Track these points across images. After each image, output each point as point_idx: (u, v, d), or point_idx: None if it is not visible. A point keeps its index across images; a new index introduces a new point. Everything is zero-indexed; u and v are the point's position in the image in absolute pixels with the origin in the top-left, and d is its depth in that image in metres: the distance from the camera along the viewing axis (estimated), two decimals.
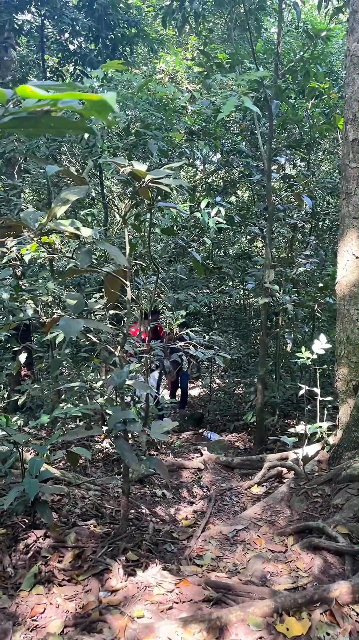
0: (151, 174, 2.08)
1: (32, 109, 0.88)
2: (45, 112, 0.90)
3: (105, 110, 0.87)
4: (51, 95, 0.81)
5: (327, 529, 2.71)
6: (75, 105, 0.87)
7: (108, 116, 0.85)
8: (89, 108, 0.87)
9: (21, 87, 0.81)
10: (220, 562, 2.66)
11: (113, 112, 0.83)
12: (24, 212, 1.84)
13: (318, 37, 5.56)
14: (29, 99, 0.86)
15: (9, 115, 0.92)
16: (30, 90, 0.80)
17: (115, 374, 2.36)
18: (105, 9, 6.31)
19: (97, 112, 0.87)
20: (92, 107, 0.87)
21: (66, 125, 0.94)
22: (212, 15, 7.22)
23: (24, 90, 0.81)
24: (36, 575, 2.09)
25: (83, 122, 0.93)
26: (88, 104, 0.88)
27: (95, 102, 0.85)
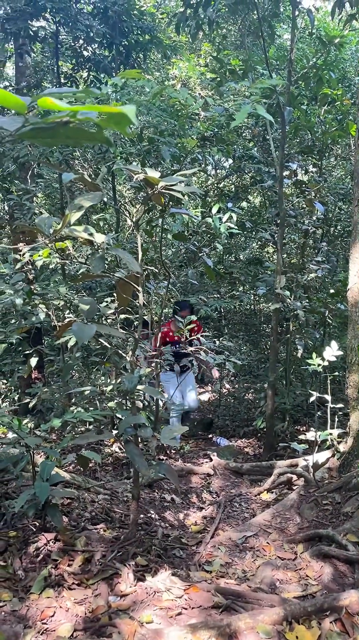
0: (164, 180, 2.10)
1: (52, 120, 0.90)
2: (64, 123, 0.91)
3: (123, 122, 0.89)
4: (71, 107, 0.82)
5: (337, 537, 2.70)
6: (93, 117, 0.89)
7: (126, 128, 0.87)
8: (108, 120, 0.88)
9: (42, 98, 0.83)
10: (229, 568, 2.66)
11: (132, 124, 0.85)
12: (39, 218, 1.86)
13: (331, 43, 5.56)
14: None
15: (29, 126, 0.93)
16: (51, 102, 0.81)
17: (127, 378, 2.37)
18: (119, 16, 6.36)
19: (116, 123, 0.89)
20: (110, 119, 0.88)
21: (84, 136, 0.95)
22: (225, 22, 7.25)
23: (45, 101, 0.83)
24: (46, 578, 2.10)
25: (101, 133, 0.94)
26: (107, 115, 0.89)
27: (114, 114, 0.87)
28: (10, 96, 0.88)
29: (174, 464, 4.29)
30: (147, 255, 5.56)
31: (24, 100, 0.94)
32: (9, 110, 7.02)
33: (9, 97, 0.87)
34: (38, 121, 0.93)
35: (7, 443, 2.84)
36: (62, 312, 4.69)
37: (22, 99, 0.94)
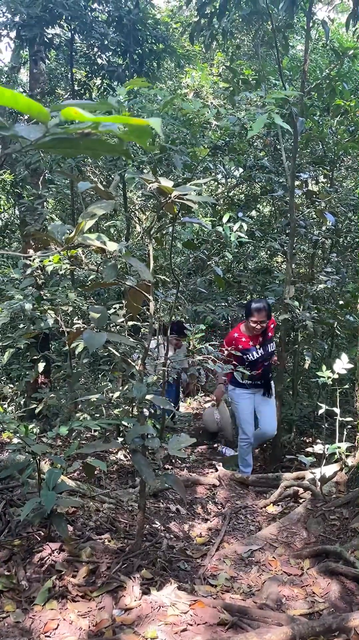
0: (178, 190, 2.09)
1: (73, 131, 0.89)
2: (85, 134, 0.90)
3: (144, 135, 0.88)
4: (94, 118, 0.81)
5: (345, 553, 2.65)
6: (115, 129, 0.87)
7: (147, 141, 0.86)
8: (129, 132, 0.87)
9: (67, 108, 0.82)
10: (234, 582, 2.62)
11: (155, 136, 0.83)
12: (51, 225, 1.86)
13: (344, 55, 5.57)
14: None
15: (49, 136, 0.92)
16: (76, 112, 0.80)
17: (135, 387, 2.35)
18: (134, 24, 6.39)
19: (137, 136, 0.87)
20: (132, 132, 0.87)
21: (104, 147, 0.94)
22: (239, 32, 7.28)
23: (69, 112, 0.81)
24: (50, 589, 2.08)
25: (121, 145, 0.93)
26: (129, 128, 0.88)
27: (137, 126, 0.85)
28: (33, 104, 0.87)
29: (179, 474, 4.26)
30: (157, 262, 5.56)
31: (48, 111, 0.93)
32: (22, 116, 7.04)
33: (32, 105, 0.86)
34: (59, 131, 0.92)
35: (13, 450, 2.82)
36: (70, 318, 4.69)
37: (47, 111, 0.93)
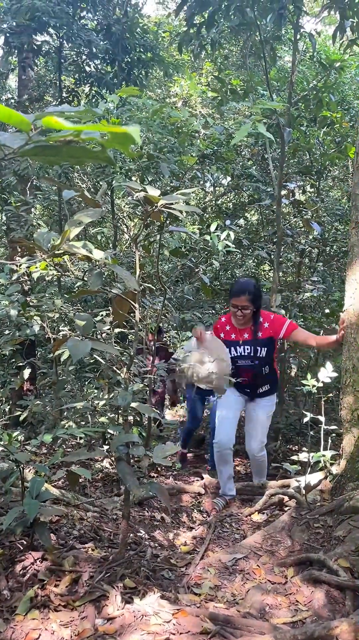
0: (164, 199, 2.10)
1: (55, 139, 0.89)
2: (67, 142, 0.91)
3: (127, 142, 0.89)
4: (75, 127, 0.82)
5: (328, 561, 2.66)
6: (97, 137, 0.88)
7: (129, 148, 0.87)
8: (111, 139, 0.88)
9: (47, 117, 0.82)
10: (218, 591, 2.61)
11: (136, 144, 0.84)
12: (38, 232, 1.85)
13: (331, 67, 5.65)
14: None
15: (32, 144, 0.93)
16: (56, 121, 0.81)
17: (121, 395, 2.35)
18: (122, 33, 6.44)
19: (119, 143, 0.88)
20: (114, 139, 0.88)
21: (87, 155, 0.95)
22: (228, 43, 7.35)
23: (50, 121, 0.82)
24: (32, 599, 2.05)
25: (104, 152, 0.94)
26: (111, 135, 0.89)
27: (118, 134, 0.86)
28: (13, 114, 0.87)
29: (165, 482, 4.24)
30: (144, 270, 5.56)
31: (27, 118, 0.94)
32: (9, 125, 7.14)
33: (12, 114, 0.87)
34: (41, 139, 0.93)
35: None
36: (56, 324, 4.68)
37: (26, 117, 0.94)
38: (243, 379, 3.82)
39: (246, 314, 3.73)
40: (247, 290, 3.70)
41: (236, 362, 3.81)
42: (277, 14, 4.97)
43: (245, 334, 3.84)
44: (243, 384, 3.89)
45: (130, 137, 0.82)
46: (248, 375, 3.87)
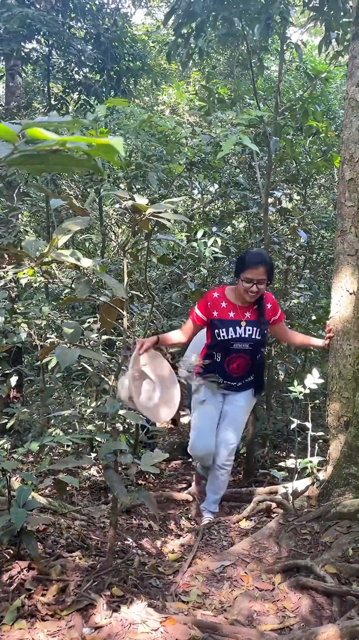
0: (152, 207, 2.12)
1: (41, 148, 0.91)
2: (53, 151, 0.92)
3: (112, 151, 0.90)
4: (60, 138, 0.83)
5: (315, 568, 2.67)
6: (82, 146, 0.90)
7: (114, 157, 0.88)
8: (97, 149, 0.90)
9: (32, 129, 0.84)
10: (206, 599, 2.61)
11: (119, 155, 0.86)
12: (26, 241, 1.86)
13: (317, 78, 5.73)
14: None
15: (18, 153, 0.94)
16: (40, 132, 0.82)
17: (108, 403, 2.35)
18: (111, 42, 6.48)
19: (104, 153, 0.90)
20: (99, 149, 0.89)
21: (74, 163, 0.96)
22: (215, 52, 7.43)
23: (34, 132, 0.84)
24: (19, 608, 2.04)
25: (90, 161, 0.95)
26: (96, 145, 0.90)
27: (102, 145, 0.88)
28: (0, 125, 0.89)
29: (153, 490, 4.24)
30: (132, 277, 5.57)
31: (13, 129, 0.95)
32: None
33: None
34: (27, 149, 0.94)
35: None
36: (44, 331, 4.66)
37: (12, 127, 0.95)
38: (233, 368, 3.42)
39: (261, 290, 3.24)
40: (265, 261, 3.23)
41: (231, 346, 3.35)
42: (264, 24, 5.04)
43: (246, 313, 3.37)
44: (231, 375, 3.46)
45: (113, 148, 0.83)
46: (240, 362, 3.43)
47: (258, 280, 3.19)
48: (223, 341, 3.32)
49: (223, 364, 3.40)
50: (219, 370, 3.43)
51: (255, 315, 3.38)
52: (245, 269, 3.20)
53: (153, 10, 11.28)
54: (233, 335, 3.32)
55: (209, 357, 3.47)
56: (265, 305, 3.39)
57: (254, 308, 3.38)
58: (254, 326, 3.35)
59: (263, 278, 3.20)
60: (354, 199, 3.46)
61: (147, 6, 10.39)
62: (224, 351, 3.37)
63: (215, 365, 3.44)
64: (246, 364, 3.44)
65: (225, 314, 3.33)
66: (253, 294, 3.24)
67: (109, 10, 6.96)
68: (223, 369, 3.43)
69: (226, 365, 3.41)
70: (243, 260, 3.25)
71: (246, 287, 3.21)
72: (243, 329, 3.33)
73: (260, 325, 3.36)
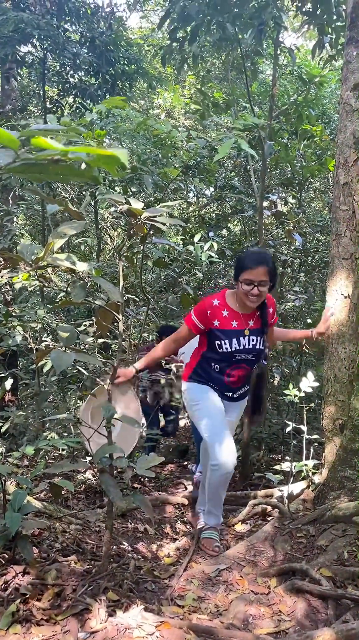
0: (148, 211, 2.12)
1: (42, 158, 0.91)
2: (54, 160, 0.93)
3: (113, 163, 0.91)
4: (64, 148, 0.84)
5: (311, 571, 2.68)
6: (83, 157, 0.90)
7: (115, 168, 0.89)
8: (98, 159, 0.90)
9: (36, 137, 0.84)
10: (202, 603, 2.61)
11: (124, 166, 0.86)
12: (21, 245, 1.86)
13: (311, 82, 5.76)
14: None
15: (19, 161, 0.94)
16: (45, 141, 0.83)
17: (103, 407, 2.35)
18: (106, 45, 6.50)
19: (105, 163, 0.90)
20: (100, 159, 0.90)
21: (74, 173, 0.97)
22: (210, 57, 7.46)
23: (39, 141, 0.84)
24: (14, 613, 2.03)
25: (90, 171, 0.95)
26: (97, 156, 0.91)
27: (106, 156, 0.88)
28: (3, 132, 0.89)
29: (148, 493, 4.23)
30: (127, 280, 5.58)
31: (15, 136, 0.95)
32: None
33: (2, 133, 0.88)
34: (29, 157, 0.94)
35: None
36: (39, 335, 4.66)
37: (13, 134, 0.95)
38: (232, 380, 3.15)
39: (263, 293, 2.94)
40: (266, 261, 2.91)
41: (233, 358, 3.06)
42: (257, 29, 5.06)
43: (249, 321, 3.07)
44: (230, 386, 3.19)
45: (116, 160, 0.84)
46: (241, 373, 3.16)
47: (259, 282, 2.89)
48: (225, 353, 3.04)
49: (222, 375, 3.14)
50: (216, 381, 3.17)
51: (259, 322, 3.11)
52: (244, 270, 2.92)
53: (148, 14, 11.32)
54: (237, 347, 3.04)
55: (204, 364, 3.19)
56: (267, 310, 3.12)
57: (257, 315, 3.10)
58: (258, 335, 3.09)
59: (264, 279, 2.90)
60: (348, 203, 3.48)
61: (142, 10, 10.42)
62: (225, 363, 3.10)
63: (212, 376, 3.17)
64: (246, 374, 3.22)
65: (228, 323, 3.02)
66: (254, 298, 2.94)
67: (104, 13, 6.97)
68: (221, 381, 3.16)
69: (226, 376, 3.15)
70: (242, 261, 2.98)
71: (246, 290, 2.92)
72: (247, 339, 3.05)
73: (262, 334, 3.10)
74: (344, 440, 3.27)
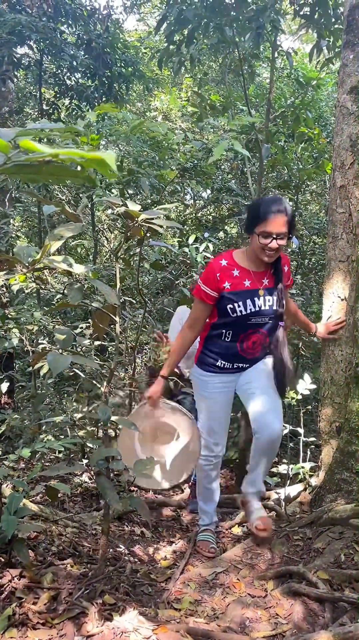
0: (145, 214, 2.12)
1: (34, 160, 0.91)
2: (46, 161, 0.92)
3: (103, 164, 0.90)
4: (53, 152, 0.83)
5: (307, 574, 2.67)
6: (76, 158, 0.90)
7: (108, 170, 0.88)
8: (90, 161, 0.90)
9: (24, 140, 0.84)
10: (199, 606, 2.60)
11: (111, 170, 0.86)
12: (17, 247, 1.86)
13: (308, 85, 5.78)
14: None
15: (11, 163, 0.94)
16: (32, 145, 0.82)
17: (100, 409, 2.34)
18: (103, 48, 6.50)
19: (98, 165, 0.90)
20: (92, 161, 0.89)
21: (67, 174, 0.96)
22: (207, 59, 7.47)
23: (27, 144, 0.83)
24: (10, 617, 2.02)
25: (84, 172, 0.95)
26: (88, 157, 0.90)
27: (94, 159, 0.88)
28: None
29: (145, 496, 4.22)
30: (124, 282, 5.57)
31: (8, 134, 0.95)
32: None
33: None
34: (21, 159, 0.94)
35: None
36: (36, 337, 4.65)
37: (5, 135, 0.95)
38: (248, 347, 2.80)
39: (281, 246, 2.61)
40: (286, 210, 2.57)
41: (248, 321, 2.72)
42: (255, 32, 5.08)
43: (264, 279, 2.73)
44: (245, 356, 2.83)
45: (104, 162, 0.83)
46: (256, 339, 2.79)
47: (277, 234, 2.55)
48: (239, 317, 2.70)
49: (234, 343, 2.78)
50: (229, 352, 2.81)
51: (273, 281, 2.75)
52: (261, 221, 2.56)
53: (145, 17, 11.34)
54: (252, 308, 2.68)
55: (214, 337, 2.83)
56: (281, 267, 2.77)
57: (270, 272, 2.76)
58: (273, 295, 2.73)
59: (283, 231, 2.56)
60: (345, 206, 3.48)
61: (138, 12, 10.44)
62: (238, 328, 2.75)
63: (223, 348, 2.81)
64: (263, 341, 2.81)
65: (239, 283, 2.68)
66: (271, 253, 2.60)
67: (101, 16, 6.99)
68: (234, 350, 2.79)
69: (239, 344, 2.78)
70: (257, 210, 2.60)
71: (262, 243, 2.57)
72: (262, 299, 2.70)
73: (278, 294, 2.74)
74: (341, 442, 3.27)
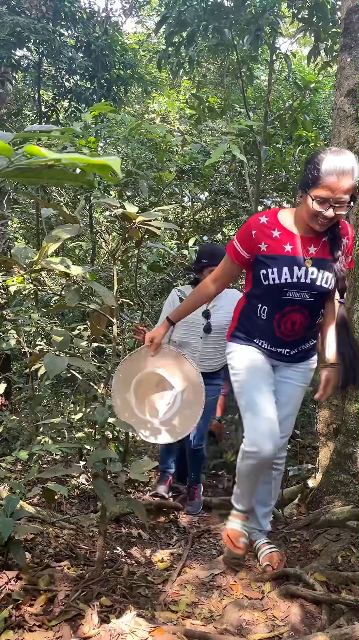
0: (143, 215, 2.12)
1: (36, 164, 0.91)
2: (48, 165, 0.93)
3: (106, 169, 0.91)
4: (56, 157, 0.84)
5: (304, 576, 2.67)
6: (77, 162, 0.90)
7: (109, 174, 0.89)
8: (92, 165, 0.90)
9: (29, 146, 0.84)
10: (196, 608, 2.60)
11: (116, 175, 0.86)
12: (15, 248, 1.86)
13: (306, 88, 5.80)
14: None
15: (13, 166, 0.94)
16: (37, 150, 0.83)
17: (98, 411, 2.34)
18: (101, 50, 6.51)
19: (99, 169, 0.90)
20: (94, 166, 0.90)
21: (68, 177, 0.97)
22: (206, 62, 7.50)
23: (31, 149, 0.84)
24: (6, 619, 2.02)
25: (84, 175, 0.96)
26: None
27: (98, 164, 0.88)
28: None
29: (142, 497, 4.22)
30: (122, 284, 5.57)
31: (7, 138, 0.95)
32: None
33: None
34: (22, 162, 0.94)
35: None
36: (33, 338, 4.64)
37: (6, 138, 0.95)
38: (286, 329, 2.30)
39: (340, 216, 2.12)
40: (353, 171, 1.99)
41: (283, 295, 2.23)
42: (254, 35, 5.10)
43: (311, 247, 2.22)
44: (283, 339, 2.34)
45: (109, 167, 0.84)
46: (296, 319, 2.29)
47: (337, 201, 2.02)
48: (272, 287, 2.21)
49: (271, 322, 2.30)
50: (264, 335, 2.36)
51: (325, 251, 2.23)
52: (319, 181, 2.03)
53: (144, 19, 11.37)
54: (288, 278, 2.19)
55: (249, 313, 2.39)
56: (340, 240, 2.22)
57: (324, 241, 2.23)
58: (322, 268, 2.21)
59: (345, 198, 2.02)
60: None
61: (137, 15, 10.47)
62: (273, 303, 2.27)
63: (259, 327, 2.35)
64: (305, 323, 2.31)
65: (278, 247, 2.20)
66: (325, 222, 2.11)
67: (100, 18, 7.00)
68: (271, 332, 2.32)
69: (276, 324, 2.30)
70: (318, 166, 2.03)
71: (316, 210, 2.06)
72: (303, 270, 2.20)
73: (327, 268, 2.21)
74: (338, 444, 3.28)
